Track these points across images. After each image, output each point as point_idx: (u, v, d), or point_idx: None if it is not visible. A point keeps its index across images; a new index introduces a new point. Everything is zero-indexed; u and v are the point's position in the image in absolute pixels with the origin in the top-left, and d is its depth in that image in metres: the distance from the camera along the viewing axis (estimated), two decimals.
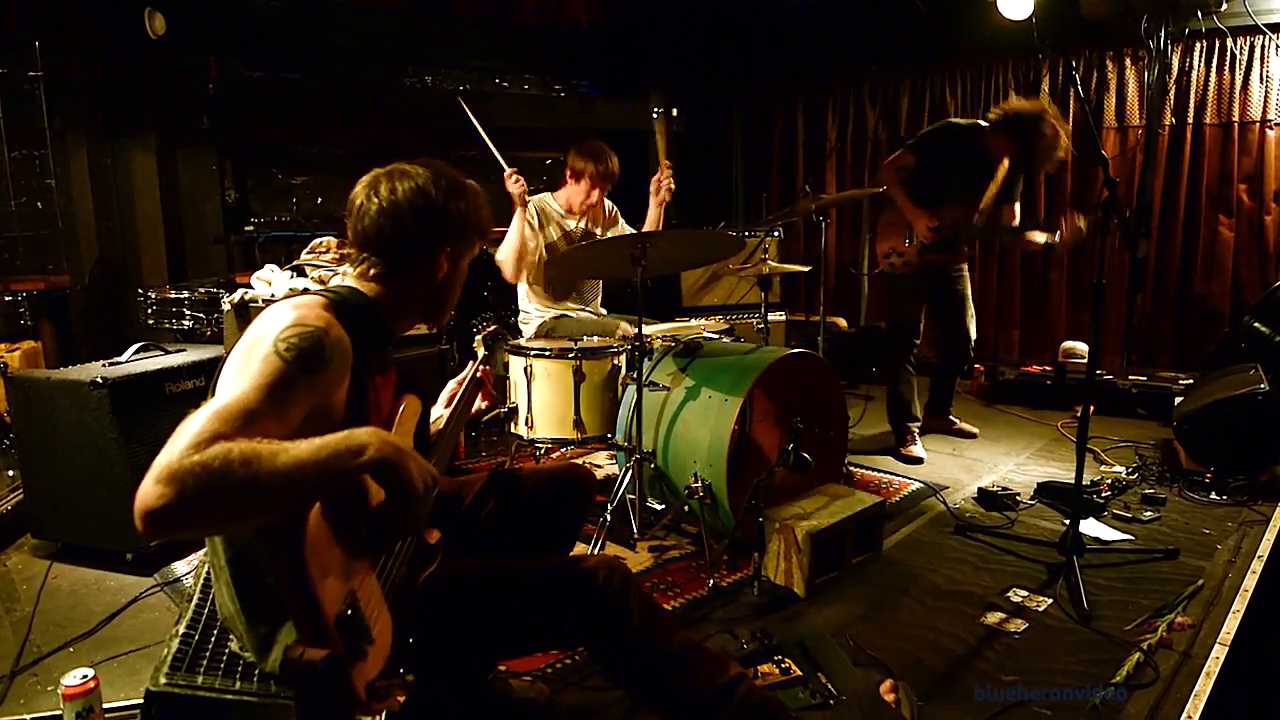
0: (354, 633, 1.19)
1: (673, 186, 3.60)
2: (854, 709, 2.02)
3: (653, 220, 3.70)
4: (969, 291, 4.18)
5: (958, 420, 4.48)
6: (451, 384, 1.94)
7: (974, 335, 4.21)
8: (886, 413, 4.25)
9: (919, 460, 4.03)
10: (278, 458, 1.11)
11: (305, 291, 1.48)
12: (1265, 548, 2.96)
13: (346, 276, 1.59)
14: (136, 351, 3.05)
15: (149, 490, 1.05)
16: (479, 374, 1.95)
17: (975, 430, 4.41)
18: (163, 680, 1.29)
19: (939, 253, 3.96)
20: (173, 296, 3.61)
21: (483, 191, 1.66)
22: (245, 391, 1.20)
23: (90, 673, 1.93)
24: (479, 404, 1.98)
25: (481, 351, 2.10)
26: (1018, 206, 4.02)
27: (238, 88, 4.69)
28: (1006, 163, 3.80)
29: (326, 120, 5.30)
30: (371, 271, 1.55)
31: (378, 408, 1.47)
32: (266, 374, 1.23)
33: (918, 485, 3.67)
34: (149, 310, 3.65)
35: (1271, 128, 4.75)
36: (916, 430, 4.17)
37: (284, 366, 1.24)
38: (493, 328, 2.38)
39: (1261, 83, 4.75)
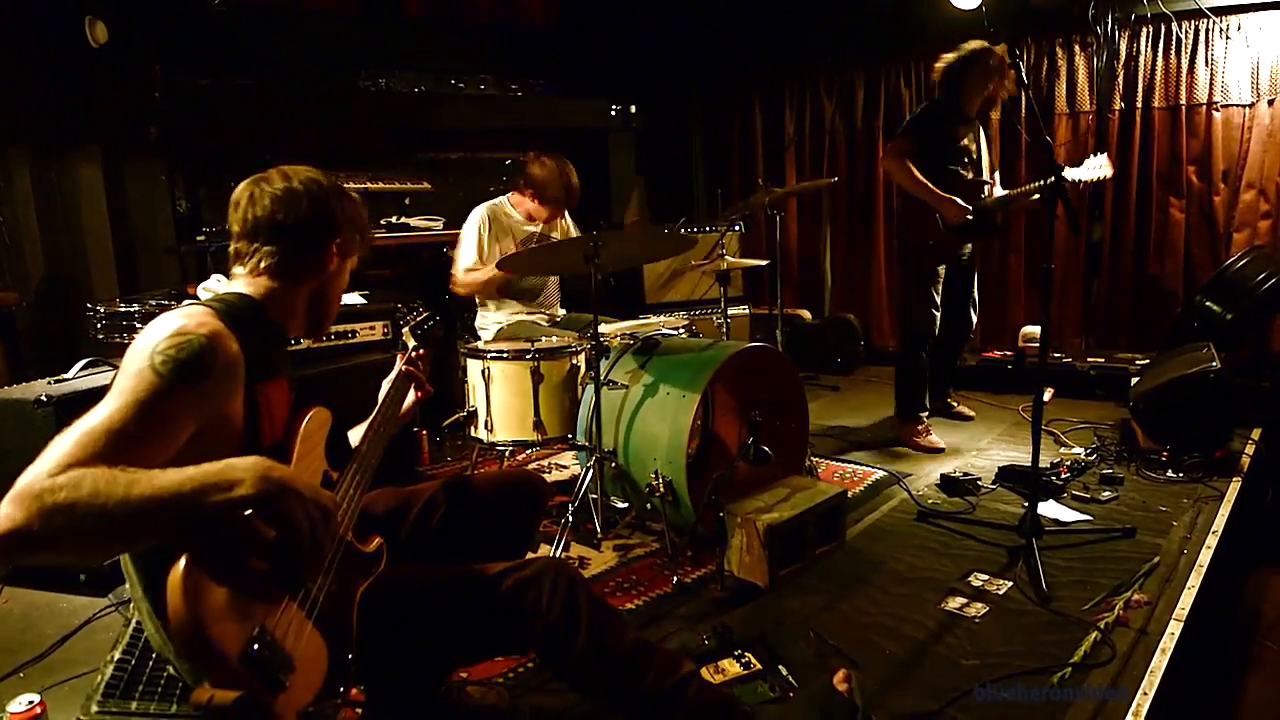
0: (268, 667, 1.15)
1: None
2: (807, 700, 2.03)
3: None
4: (976, 271, 4.20)
5: (956, 403, 4.53)
6: (385, 384, 1.88)
7: (975, 318, 4.26)
8: (896, 405, 4.18)
9: (940, 450, 3.98)
10: (132, 490, 1.06)
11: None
12: (1219, 523, 3.01)
13: (235, 280, 1.56)
14: (84, 367, 2.99)
15: (1, 512, 1.03)
16: (407, 368, 1.90)
17: (972, 413, 4.49)
18: (94, 709, 1.26)
19: (980, 234, 3.88)
20: (122, 310, 3.52)
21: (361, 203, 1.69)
22: (114, 411, 1.17)
23: (37, 698, 1.88)
24: (412, 397, 1.92)
25: (411, 343, 2.01)
26: (988, 160, 4.07)
27: (186, 96, 4.59)
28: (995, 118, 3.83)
29: (279, 126, 5.20)
30: (262, 264, 1.52)
31: (269, 415, 1.43)
32: (139, 391, 1.20)
33: (881, 474, 3.69)
34: (98, 325, 3.56)
35: (1217, 110, 4.82)
36: (926, 419, 4.12)
37: (158, 382, 1.21)
38: (423, 315, 2.11)
39: (1206, 65, 4.81)
